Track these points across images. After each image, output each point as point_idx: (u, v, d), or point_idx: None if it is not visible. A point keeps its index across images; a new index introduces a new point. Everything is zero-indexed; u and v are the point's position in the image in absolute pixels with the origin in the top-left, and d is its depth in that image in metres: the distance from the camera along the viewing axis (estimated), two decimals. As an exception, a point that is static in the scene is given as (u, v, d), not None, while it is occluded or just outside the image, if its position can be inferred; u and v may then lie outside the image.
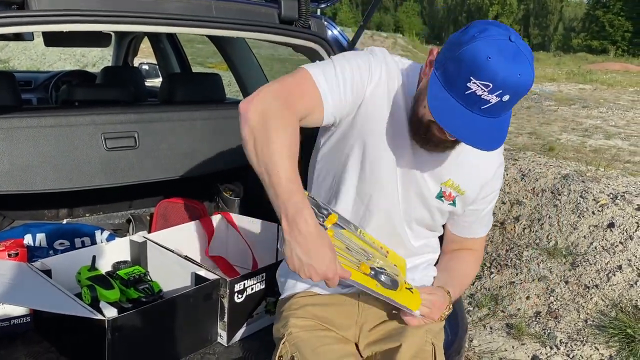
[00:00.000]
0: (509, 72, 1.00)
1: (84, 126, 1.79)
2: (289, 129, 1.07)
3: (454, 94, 1.05)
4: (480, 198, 1.35)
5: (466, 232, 1.43)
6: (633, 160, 6.62)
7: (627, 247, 2.97)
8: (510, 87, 1.02)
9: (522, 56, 1.02)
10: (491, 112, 1.05)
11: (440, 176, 1.28)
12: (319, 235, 1.06)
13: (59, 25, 1.39)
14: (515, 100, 1.05)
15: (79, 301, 1.33)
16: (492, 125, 1.06)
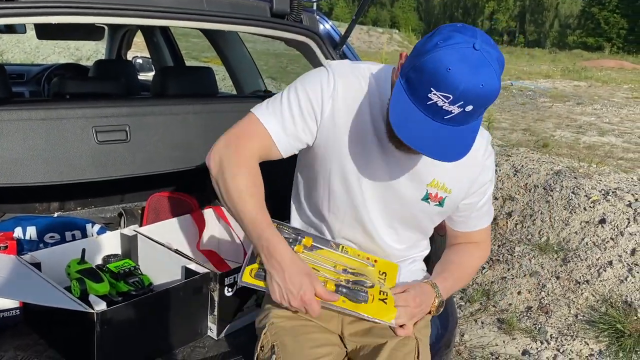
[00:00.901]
0: (470, 84, 0.98)
1: (74, 119, 1.78)
2: (242, 171, 1.18)
3: (417, 103, 1.04)
4: (472, 192, 1.32)
5: (464, 226, 1.41)
6: (626, 157, 6.66)
7: (617, 243, 2.99)
8: (472, 98, 0.99)
9: (485, 66, 0.99)
10: (455, 122, 1.03)
11: (423, 178, 1.26)
12: (294, 263, 1.15)
13: (48, 17, 1.38)
14: (480, 110, 1.03)
15: (68, 294, 1.33)
16: (456, 135, 1.04)
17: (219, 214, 1.93)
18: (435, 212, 1.32)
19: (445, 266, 1.39)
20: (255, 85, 2.74)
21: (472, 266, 1.45)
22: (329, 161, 1.25)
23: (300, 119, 1.21)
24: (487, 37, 1.04)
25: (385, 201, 1.28)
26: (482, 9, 69.77)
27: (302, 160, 1.35)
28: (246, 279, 1.21)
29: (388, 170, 1.24)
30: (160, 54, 3.46)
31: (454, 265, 1.39)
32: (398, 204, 1.28)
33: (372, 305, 1.21)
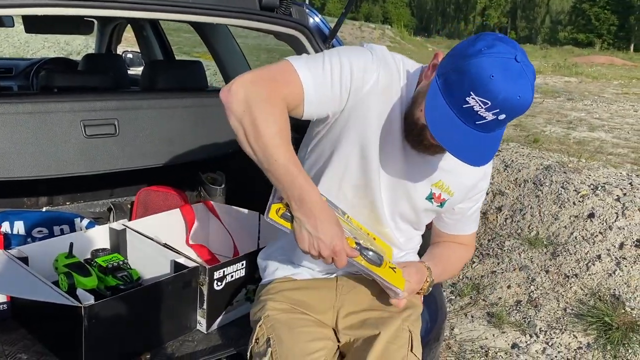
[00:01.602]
0: (509, 94, 1.00)
1: (62, 113, 1.77)
2: (276, 112, 1.06)
3: (452, 105, 1.05)
4: (469, 197, 1.35)
5: (452, 229, 1.43)
6: (616, 152, 6.70)
7: (606, 237, 3.01)
8: (508, 108, 1.02)
9: (524, 78, 1.01)
10: (485, 128, 1.05)
11: (431, 177, 1.28)
12: (326, 211, 1.12)
13: (34, 9, 1.37)
14: (510, 119, 1.05)
15: (55, 288, 1.32)
16: (483, 141, 1.07)
17: (209, 208, 1.93)
18: (435, 211, 1.35)
19: (432, 257, 1.41)
20: (245, 79, 2.72)
21: (456, 262, 1.48)
22: (352, 141, 1.22)
23: (338, 87, 1.15)
24: (523, 50, 1.06)
25: (395, 193, 1.28)
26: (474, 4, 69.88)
27: (318, 133, 1.28)
28: (273, 216, 1.14)
29: (405, 164, 1.25)
30: (150, 48, 3.44)
31: (441, 257, 1.42)
32: (405, 198, 1.29)
33: (385, 270, 1.21)
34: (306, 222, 1.10)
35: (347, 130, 1.21)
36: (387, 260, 1.24)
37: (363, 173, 1.26)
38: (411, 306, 1.35)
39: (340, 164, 1.25)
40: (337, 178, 1.27)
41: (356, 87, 1.17)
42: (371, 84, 1.17)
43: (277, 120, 1.06)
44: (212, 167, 2.27)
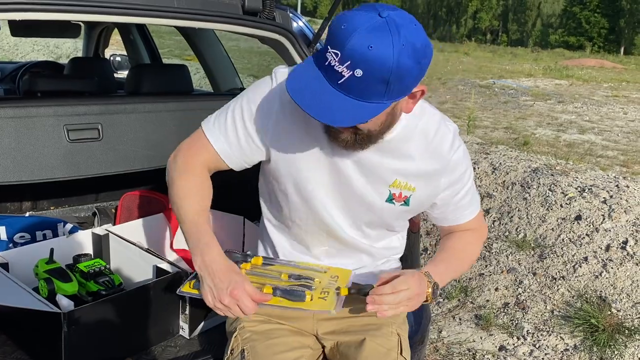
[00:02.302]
0: (357, 42, 0.92)
1: (45, 117, 1.75)
2: (189, 180, 1.23)
3: (319, 65, 1.00)
4: (444, 189, 1.27)
5: (447, 221, 1.36)
6: (605, 155, 6.76)
7: (593, 239, 3.03)
8: (359, 59, 0.93)
9: (383, 31, 0.93)
10: (350, 90, 0.97)
11: (385, 180, 1.22)
12: (224, 265, 1.16)
13: (14, 13, 1.36)
14: (371, 78, 0.95)
15: (35, 294, 1.31)
16: (350, 106, 0.98)
17: (193, 212, 1.92)
18: (402, 211, 1.28)
19: (433, 258, 1.34)
20: (232, 83, 2.73)
21: (463, 249, 1.37)
22: (284, 175, 1.24)
23: (245, 136, 1.21)
24: (410, 18, 0.98)
25: (349, 206, 1.25)
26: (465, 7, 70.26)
27: (261, 170, 1.34)
28: (185, 289, 1.24)
29: (345, 175, 1.21)
30: (137, 52, 3.43)
31: (442, 253, 1.35)
32: (362, 207, 1.25)
33: (312, 302, 1.19)
34: (207, 277, 1.14)
35: (279, 167, 1.24)
36: (320, 289, 1.23)
37: (305, 202, 1.25)
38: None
39: (285, 201, 1.28)
40: (285, 215, 1.31)
41: (261, 126, 1.20)
42: (276, 114, 1.19)
43: (191, 181, 1.23)
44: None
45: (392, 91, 0.98)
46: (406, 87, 1.00)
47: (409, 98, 1.08)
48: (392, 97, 1.00)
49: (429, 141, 1.21)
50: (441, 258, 1.32)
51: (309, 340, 1.30)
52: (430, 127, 1.22)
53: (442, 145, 1.23)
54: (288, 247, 1.36)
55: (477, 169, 3.88)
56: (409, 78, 0.98)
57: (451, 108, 10.00)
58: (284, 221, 1.33)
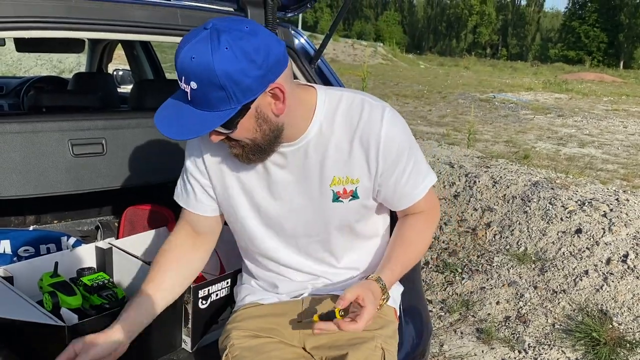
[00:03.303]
0: (184, 57, 0.98)
1: (50, 132, 1.78)
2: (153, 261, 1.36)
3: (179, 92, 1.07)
4: (383, 170, 1.21)
5: (395, 206, 1.30)
6: (605, 168, 6.77)
7: (593, 252, 3.04)
8: (189, 72, 0.99)
9: (204, 40, 0.98)
10: (198, 104, 1.02)
11: (323, 181, 1.21)
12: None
13: (21, 31, 1.39)
14: (205, 87, 0.99)
15: (39, 308, 1.32)
16: (199, 117, 1.03)
17: (196, 226, 1.93)
18: (355, 205, 1.24)
19: (390, 249, 1.31)
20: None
21: (419, 240, 1.32)
22: (233, 214, 1.31)
23: (197, 183, 1.31)
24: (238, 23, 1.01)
25: (300, 222, 1.26)
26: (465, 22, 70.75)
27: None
28: None
29: (283, 192, 1.23)
30: (141, 67, 3.47)
31: (399, 246, 1.29)
32: (317, 215, 1.24)
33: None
34: None
35: (227, 208, 1.31)
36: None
37: (265, 230, 1.30)
38: (384, 324, 1.32)
39: (244, 237, 1.35)
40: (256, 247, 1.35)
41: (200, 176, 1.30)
42: (201, 161, 1.28)
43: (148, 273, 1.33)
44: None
45: (235, 94, 1.00)
46: (248, 88, 1.01)
47: (273, 99, 1.07)
48: (240, 100, 1.02)
49: (355, 124, 1.18)
50: (395, 256, 1.27)
51: (299, 352, 1.30)
52: (353, 110, 1.19)
53: (370, 123, 1.18)
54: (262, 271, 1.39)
55: (477, 183, 3.90)
56: (246, 79, 1.00)
57: (451, 122, 10.05)
58: (251, 264, 1.40)
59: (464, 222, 3.67)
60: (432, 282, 3.21)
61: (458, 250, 3.46)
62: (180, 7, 1.63)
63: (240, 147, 1.13)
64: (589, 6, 55.28)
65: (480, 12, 68.16)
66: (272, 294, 1.38)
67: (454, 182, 4.02)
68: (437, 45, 71.12)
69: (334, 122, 1.19)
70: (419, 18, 76.82)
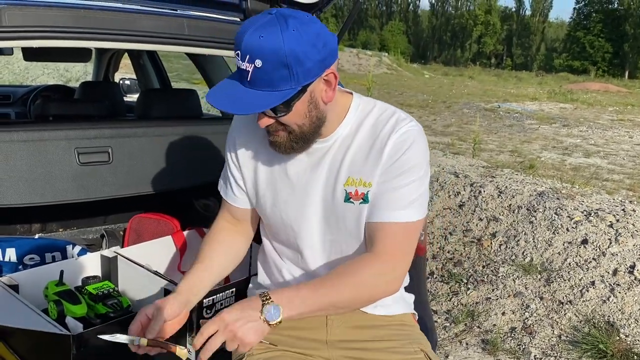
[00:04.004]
0: (250, 37, 1.02)
1: (57, 141, 1.79)
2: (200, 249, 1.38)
3: (233, 75, 1.10)
4: (382, 173, 1.20)
5: (373, 215, 1.21)
6: (611, 179, 6.74)
7: (600, 263, 3.02)
8: (255, 50, 1.02)
9: (272, 23, 1.03)
10: (258, 84, 1.05)
11: (339, 179, 1.22)
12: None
13: (30, 41, 1.40)
14: (270, 65, 1.03)
15: (44, 316, 1.32)
16: (257, 96, 1.06)
17: (201, 235, 1.93)
18: (365, 210, 1.22)
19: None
20: (240, 107, 2.76)
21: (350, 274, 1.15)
22: (263, 205, 1.33)
23: (233, 179, 1.37)
24: (302, 13, 1.07)
25: (318, 219, 1.27)
26: (470, 32, 70.92)
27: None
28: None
29: (303, 181, 1.26)
30: (147, 76, 3.49)
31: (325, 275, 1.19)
32: (329, 214, 1.25)
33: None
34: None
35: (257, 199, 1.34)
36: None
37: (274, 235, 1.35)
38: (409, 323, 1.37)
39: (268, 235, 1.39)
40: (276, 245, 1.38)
41: (234, 165, 1.35)
42: (234, 152, 1.34)
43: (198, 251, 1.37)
44: (205, 193, 2.29)
45: (297, 74, 1.04)
46: (309, 70, 1.05)
47: (325, 85, 1.11)
48: (300, 81, 1.06)
49: (379, 131, 1.21)
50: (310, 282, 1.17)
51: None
52: (382, 119, 1.22)
53: (391, 130, 1.20)
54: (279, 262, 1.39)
55: (483, 192, 3.89)
56: (308, 61, 1.04)
57: (456, 131, 10.04)
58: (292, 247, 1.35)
59: (469, 232, 3.66)
60: (437, 293, 3.19)
61: (463, 261, 3.44)
62: (188, 17, 1.64)
63: (286, 133, 1.15)
64: (594, 16, 55.36)
65: (485, 22, 68.35)
66: None
67: (459, 192, 4.01)
68: (442, 55, 71.29)
69: (361, 127, 1.23)
70: (424, 28, 77.07)
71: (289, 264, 1.36)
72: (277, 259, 1.38)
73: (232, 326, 1.05)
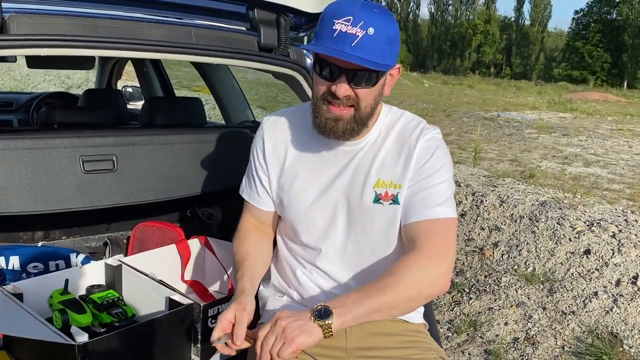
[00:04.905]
0: (366, 8, 1.11)
1: (61, 149, 1.79)
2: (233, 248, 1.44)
3: (326, 42, 1.13)
4: (420, 179, 1.26)
5: (410, 216, 1.24)
6: (611, 188, 6.75)
7: (602, 273, 3.01)
8: (371, 19, 1.11)
9: (378, 5, 1.14)
10: (362, 49, 1.11)
11: (369, 181, 1.27)
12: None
13: (38, 49, 1.40)
14: (381, 35, 1.12)
15: (49, 325, 1.31)
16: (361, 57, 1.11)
17: (205, 243, 1.93)
18: (394, 211, 1.26)
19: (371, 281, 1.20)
20: (244, 115, 2.77)
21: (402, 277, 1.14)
22: (288, 206, 1.36)
23: (259, 182, 1.40)
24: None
25: (342, 221, 1.31)
26: (469, 41, 71.20)
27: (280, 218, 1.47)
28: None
29: (333, 180, 1.30)
30: (150, 84, 3.49)
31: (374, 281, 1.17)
32: (355, 214, 1.30)
33: None
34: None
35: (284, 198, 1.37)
36: None
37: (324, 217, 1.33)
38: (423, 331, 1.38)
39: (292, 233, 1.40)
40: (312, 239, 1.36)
41: (262, 167, 1.38)
42: (263, 153, 1.38)
43: (233, 254, 1.41)
44: (209, 202, 2.28)
45: (393, 54, 1.16)
46: (395, 56, 1.17)
47: (390, 77, 1.23)
48: (391, 62, 1.17)
49: (407, 138, 1.29)
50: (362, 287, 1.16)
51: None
52: (409, 127, 1.31)
53: (418, 137, 1.29)
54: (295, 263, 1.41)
55: (484, 202, 3.89)
56: (398, 44, 1.18)
57: (456, 140, 10.05)
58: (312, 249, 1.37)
59: (471, 242, 3.65)
60: (439, 302, 3.18)
61: (465, 270, 3.43)
62: (195, 27, 1.64)
63: (352, 110, 1.20)
64: (593, 26, 55.63)
65: (485, 31, 68.63)
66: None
67: (460, 201, 4.01)
68: (442, 64, 71.53)
69: (390, 133, 1.30)
70: (423, 37, 77.36)
71: (305, 265, 1.38)
72: (292, 260, 1.40)
73: (284, 325, 1.07)
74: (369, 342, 1.31)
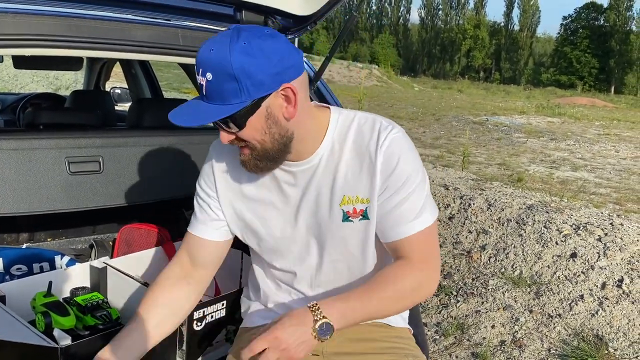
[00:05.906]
0: (203, 50, 1.04)
1: (47, 150, 1.77)
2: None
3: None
4: (384, 188, 1.18)
5: (386, 235, 1.21)
6: (598, 192, 6.81)
7: (588, 277, 3.03)
8: (206, 63, 1.03)
9: (225, 36, 1.04)
10: (211, 97, 1.05)
11: (334, 199, 1.20)
12: None
13: (22, 49, 1.39)
14: (219, 77, 1.03)
15: (31, 328, 1.30)
16: (210, 109, 1.06)
17: (192, 246, 1.92)
18: (365, 226, 1.21)
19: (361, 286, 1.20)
20: (232, 118, 2.76)
21: (390, 281, 1.16)
22: (249, 235, 1.31)
23: (208, 208, 1.32)
24: (259, 27, 1.08)
25: (313, 241, 1.25)
26: (459, 46, 71.65)
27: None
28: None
29: (293, 212, 1.24)
30: (138, 85, 3.47)
31: (368, 283, 1.18)
32: (325, 235, 1.23)
33: None
34: None
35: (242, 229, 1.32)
36: None
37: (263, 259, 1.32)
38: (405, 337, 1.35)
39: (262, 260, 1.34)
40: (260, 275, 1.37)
41: (212, 196, 1.30)
42: (214, 182, 1.30)
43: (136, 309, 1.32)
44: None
45: (247, 88, 1.03)
46: (260, 82, 1.04)
47: (285, 101, 1.08)
48: (251, 95, 1.04)
49: (366, 143, 1.18)
50: (355, 291, 1.15)
51: None
52: (365, 130, 1.19)
53: (378, 141, 1.17)
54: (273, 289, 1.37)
55: (472, 205, 3.91)
56: (259, 74, 1.03)
57: (445, 144, 10.10)
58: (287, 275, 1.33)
59: (459, 245, 3.67)
60: (426, 305, 3.19)
61: (453, 273, 3.45)
62: (182, 28, 1.64)
63: (249, 150, 1.13)
64: (581, 32, 56.27)
65: (474, 36, 69.15)
66: None
67: (448, 204, 4.02)
68: (431, 68, 71.94)
69: (345, 141, 1.19)
70: (414, 41, 77.78)
71: (281, 286, 1.34)
72: (269, 282, 1.37)
73: (285, 345, 1.03)
74: (346, 347, 1.29)
